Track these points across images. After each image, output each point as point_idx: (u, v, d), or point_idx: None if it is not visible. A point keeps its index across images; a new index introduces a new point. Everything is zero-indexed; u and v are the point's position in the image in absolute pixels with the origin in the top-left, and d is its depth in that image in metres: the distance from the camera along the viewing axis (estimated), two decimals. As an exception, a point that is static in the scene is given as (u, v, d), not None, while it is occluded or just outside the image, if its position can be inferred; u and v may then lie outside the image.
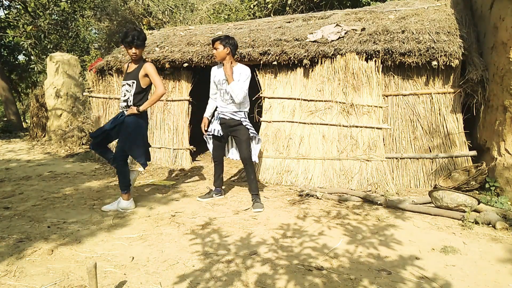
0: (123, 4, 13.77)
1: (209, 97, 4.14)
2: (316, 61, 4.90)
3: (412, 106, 4.75)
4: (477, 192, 4.29)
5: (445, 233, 3.17)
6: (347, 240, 3.02)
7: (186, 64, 5.58)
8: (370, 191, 4.40)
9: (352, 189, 4.45)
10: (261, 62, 5.11)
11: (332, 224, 3.39)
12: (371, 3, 8.53)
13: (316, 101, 4.91)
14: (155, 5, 13.20)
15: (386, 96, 4.80)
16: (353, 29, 5.29)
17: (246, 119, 3.92)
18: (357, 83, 4.73)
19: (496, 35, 4.21)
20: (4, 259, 2.67)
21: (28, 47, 9.54)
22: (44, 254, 2.76)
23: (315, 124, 4.89)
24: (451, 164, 4.63)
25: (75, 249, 2.85)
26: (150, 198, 4.23)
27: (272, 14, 10.05)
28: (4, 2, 10.24)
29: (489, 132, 4.40)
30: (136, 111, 3.72)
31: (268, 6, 10.30)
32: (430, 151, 4.72)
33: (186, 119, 5.83)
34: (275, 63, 5.02)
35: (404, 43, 4.69)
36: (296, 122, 4.96)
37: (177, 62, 5.62)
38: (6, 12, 10.17)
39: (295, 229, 3.27)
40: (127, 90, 3.78)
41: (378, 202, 3.91)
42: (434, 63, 4.46)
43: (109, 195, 4.35)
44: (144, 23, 13.31)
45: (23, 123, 12.65)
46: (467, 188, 4.27)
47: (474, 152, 4.60)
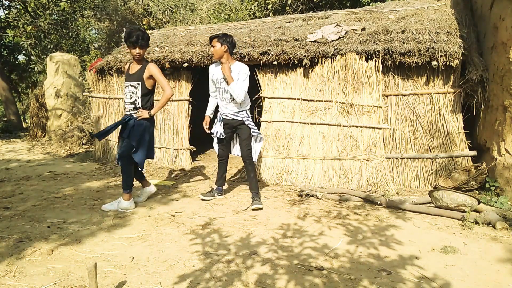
0: (123, 4, 13.78)
1: (209, 96, 4.14)
2: (316, 61, 4.90)
3: (412, 106, 4.75)
4: (477, 192, 4.29)
5: (445, 233, 3.17)
6: (347, 240, 3.02)
7: (186, 64, 5.59)
8: (370, 191, 4.40)
9: (352, 189, 4.45)
10: (261, 62, 5.11)
11: (332, 224, 3.39)
12: (371, 3, 8.53)
13: (316, 101, 4.91)
14: (155, 5, 13.21)
15: (386, 96, 4.80)
16: (353, 29, 5.29)
17: (249, 118, 3.92)
18: (357, 83, 4.73)
19: (496, 35, 4.21)
20: (4, 259, 2.67)
21: (28, 47, 9.55)
22: (44, 254, 2.76)
23: (315, 124, 4.89)
24: (451, 164, 4.63)
25: (75, 249, 2.85)
26: (150, 198, 4.22)
27: (272, 14, 10.05)
28: (4, 2, 10.24)
29: (489, 132, 4.40)
30: (148, 115, 3.73)
31: (268, 7, 10.31)
32: (430, 151, 4.72)
33: (186, 119, 5.83)
34: (275, 63, 5.01)
35: (404, 43, 4.69)
36: (296, 122, 4.96)
37: (177, 62, 5.62)
38: (6, 12, 10.18)
39: (295, 229, 3.27)
40: (133, 92, 3.75)
41: (379, 202, 3.91)
42: (434, 63, 4.46)
43: (109, 195, 4.35)
44: (144, 23, 13.32)
45: (23, 123, 12.65)
46: (467, 188, 4.27)
47: (474, 152, 4.60)
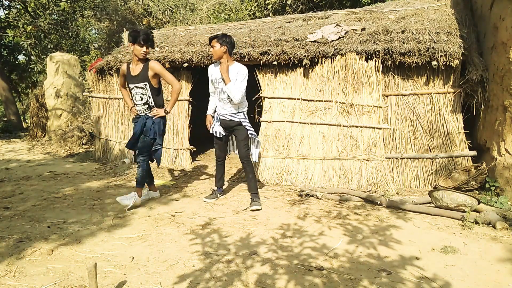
0: (123, 4, 13.79)
1: (210, 95, 4.14)
2: (316, 61, 4.90)
3: (412, 106, 4.75)
4: (477, 192, 4.28)
5: (445, 233, 3.17)
6: (347, 240, 3.02)
7: (186, 64, 5.58)
8: (370, 191, 4.40)
9: (352, 189, 4.44)
10: (261, 62, 5.11)
11: (332, 224, 3.39)
12: (371, 3, 8.53)
13: (316, 101, 4.91)
14: (155, 5, 13.22)
15: (386, 96, 4.80)
16: (353, 29, 5.29)
17: (246, 119, 3.91)
18: (357, 83, 4.73)
19: (496, 35, 4.21)
20: (4, 259, 2.67)
21: (28, 47, 9.56)
22: (44, 254, 2.76)
23: (315, 124, 4.89)
24: (451, 164, 4.63)
25: (75, 249, 2.85)
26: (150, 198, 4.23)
27: (272, 14, 10.06)
28: (4, 2, 10.25)
29: (489, 132, 4.40)
30: (165, 113, 3.82)
31: (268, 7, 10.31)
32: (430, 151, 4.72)
33: (186, 119, 5.83)
34: (275, 63, 5.01)
35: (404, 43, 4.69)
36: (296, 122, 4.96)
37: (177, 62, 5.62)
38: (6, 12, 10.18)
39: (295, 229, 3.27)
40: (142, 93, 3.75)
41: (378, 202, 3.91)
42: (434, 63, 4.45)
43: (109, 195, 4.35)
44: (144, 23, 13.33)
45: (23, 123, 12.65)
46: (467, 188, 4.27)
47: (474, 152, 4.60)
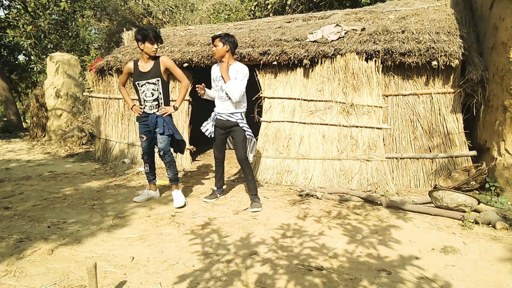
0: (123, 4, 13.80)
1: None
2: (316, 61, 4.90)
3: (412, 106, 4.75)
4: (477, 192, 4.28)
5: (445, 233, 3.17)
6: (347, 240, 3.02)
7: (186, 64, 5.58)
8: (370, 191, 4.40)
9: (352, 189, 4.44)
10: (261, 62, 5.11)
11: (332, 224, 3.39)
12: (371, 4, 8.53)
13: (316, 101, 4.91)
14: (155, 5, 13.23)
15: (386, 96, 4.80)
16: (353, 29, 5.29)
17: (243, 120, 3.87)
18: (357, 83, 4.73)
19: (496, 35, 4.21)
20: (4, 259, 2.67)
21: (28, 47, 9.56)
22: (44, 254, 2.76)
23: (315, 124, 4.89)
24: (451, 164, 4.63)
25: (75, 249, 2.85)
26: (150, 198, 4.22)
27: (272, 14, 10.06)
28: (4, 2, 10.24)
29: (489, 132, 4.40)
30: (174, 110, 3.83)
31: (268, 7, 10.31)
32: (430, 151, 4.72)
33: (186, 119, 5.83)
34: (275, 63, 5.01)
35: (404, 43, 4.69)
36: (296, 122, 4.96)
37: (177, 62, 5.60)
38: (6, 12, 10.18)
39: (295, 229, 3.27)
40: (153, 89, 3.75)
41: (378, 202, 3.91)
42: (434, 63, 4.46)
43: (109, 195, 4.35)
44: (144, 23, 13.32)
45: (23, 123, 12.65)
46: (467, 188, 4.27)
47: (474, 152, 4.60)
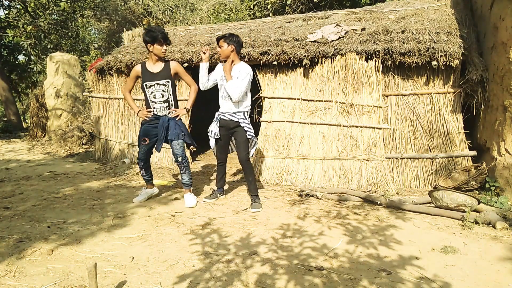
0: (123, 4, 13.80)
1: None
2: (316, 61, 4.90)
3: (412, 106, 4.75)
4: (477, 192, 4.28)
5: (445, 233, 3.17)
6: (347, 240, 3.02)
7: (186, 64, 5.58)
8: (370, 191, 4.40)
9: (352, 189, 4.44)
10: (261, 62, 5.11)
11: (332, 224, 3.39)
12: (371, 4, 8.53)
13: (316, 101, 4.91)
14: (155, 5, 13.23)
15: (386, 96, 4.80)
16: (353, 29, 5.29)
17: (245, 120, 3.85)
18: (357, 83, 4.73)
19: (496, 35, 4.21)
20: (4, 259, 2.67)
21: (28, 47, 9.56)
22: (44, 254, 2.76)
23: (315, 124, 4.89)
24: (451, 164, 4.63)
25: (75, 249, 2.85)
26: (150, 198, 4.22)
27: (272, 14, 10.06)
28: (4, 2, 10.25)
29: (489, 132, 4.40)
30: (186, 111, 3.90)
31: (268, 7, 10.31)
32: (430, 151, 4.72)
33: (186, 119, 5.83)
34: (275, 63, 5.01)
35: (404, 43, 4.69)
36: (296, 122, 4.96)
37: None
38: (6, 12, 10.18)
39: (295, 229, 3.27)
40: (164, 90, 3.78)
41: (378, 202, 3.91)
42: (434, 63, 4.46)
43: (109, 195, 4.35)
44: (144, 23, 13.32)
45: (23, 123, 12.65)
46: (467, 188, 4.27)
47: (474, 152, 4.60)
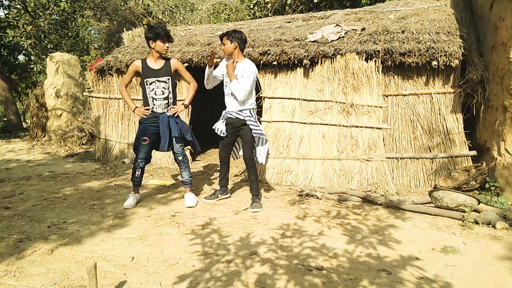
0: (123, 4, 13.80)
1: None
2: (316, 61, 4.90)
3: (412, 106, 4.75)
4: (477, 192, 4.28)
5: (445, 233, 3.17)
6: (347, 240, 3.02)
7: (186, 64, 5.57)
8: (370, 191, 4.40)
9: (352, 189, 4.44)
10: (261, 62, 5.11)
11: (332, 224, 3.39)
12: (371, 4, 8.53)
13: (316, 101, 4.91)
14: (155, 5, 13.22)
15: (386, 96, 4.80)
16: (353, 29, 5.29)
17: (251, 118, 3.85)
18: (357, 83, 4.73)
19: (496, 35, 4.21)
20: (4, 259, 2.67)
21: (28, 47, 9.56)
22: (44, 254, 2.76)
23: (315, 124, 4.89)
24: (451, 164, 4.63)
25: (75, 249, 2.85)
26: (150, 198, 4.23)
27: (272, 14, 10.06)
28: (4, 2, 10.25)
29: (489, 132, 4.40)
30: (184, 108, 3.90)
31: (268, 6, 10.31)
32: (430, 151, 4.72)
33: (186, 119, 5.82)
34: (275, 63, 5.01)
35: (404, 43, 4.69)
36: (296, 122, 4.96)
37: (177, 62, 5.61)
38: (6, 12, 10.18)
39: (295, 229, 3.27)
40: (164, 87, 3.78)
41: (378, 202, 3.91)
42: (434, 63, 4.46)
43: (109, 195, 4.35)
44: (144, 23, 13.31)
45: (23, 123, 12.65)
46: (467, 188, 4.27)
47: (474, 152, 4.60)
